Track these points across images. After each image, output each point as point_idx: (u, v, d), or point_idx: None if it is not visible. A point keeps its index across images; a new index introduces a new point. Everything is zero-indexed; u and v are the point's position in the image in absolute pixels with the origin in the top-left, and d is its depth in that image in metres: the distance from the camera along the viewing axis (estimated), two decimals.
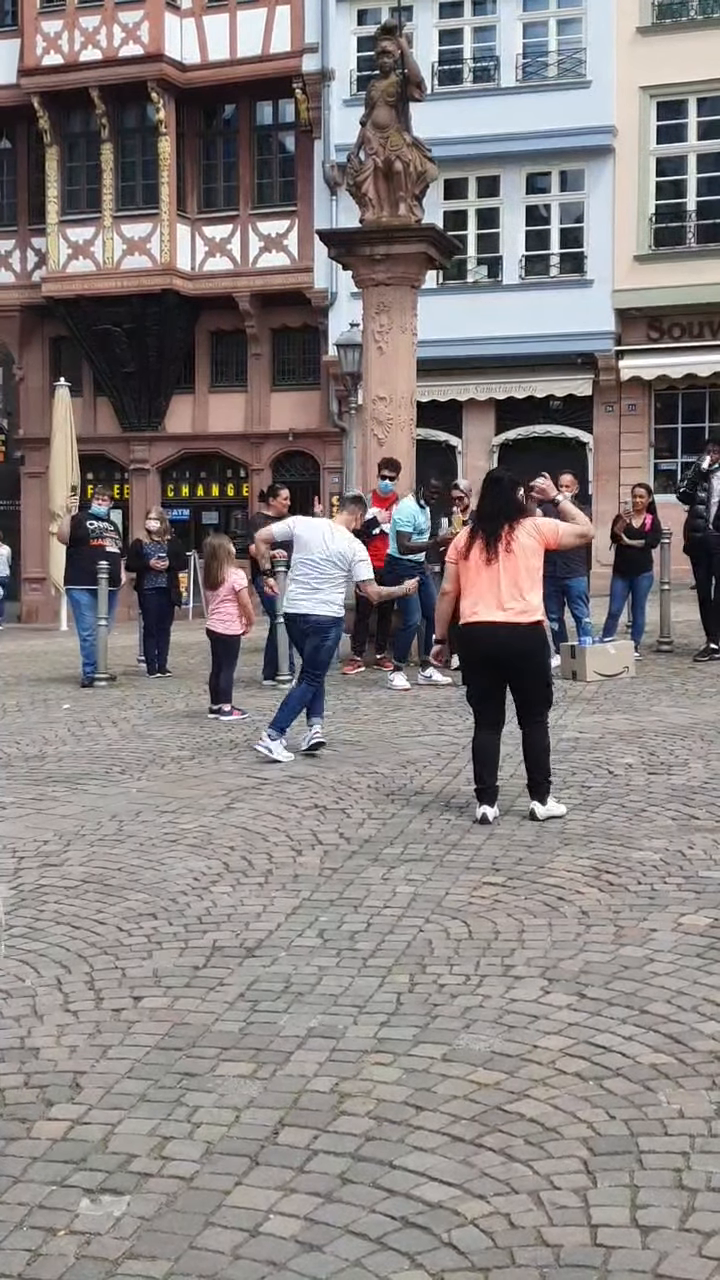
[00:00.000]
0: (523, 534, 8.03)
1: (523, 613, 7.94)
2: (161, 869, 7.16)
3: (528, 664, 8.03)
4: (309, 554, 10.25)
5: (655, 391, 27.72)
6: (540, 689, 8.14)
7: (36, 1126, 4.29)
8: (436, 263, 17.27)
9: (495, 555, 7.97)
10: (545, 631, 8.26)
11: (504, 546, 7.97)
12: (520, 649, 7.97)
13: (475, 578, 8.07)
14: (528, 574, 8.00)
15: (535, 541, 8.05)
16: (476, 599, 8.05)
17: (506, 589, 7.93)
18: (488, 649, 8.04)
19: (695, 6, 27.14)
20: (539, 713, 8.11)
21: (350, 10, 28.80)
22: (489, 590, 7.98)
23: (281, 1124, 4.24)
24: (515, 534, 8.01)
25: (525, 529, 8.08)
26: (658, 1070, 4.51)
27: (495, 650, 8.00)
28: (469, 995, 5.23)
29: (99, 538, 15.44)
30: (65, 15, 30.14)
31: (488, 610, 7.98)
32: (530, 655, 8.03)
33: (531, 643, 8.03)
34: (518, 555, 7.97)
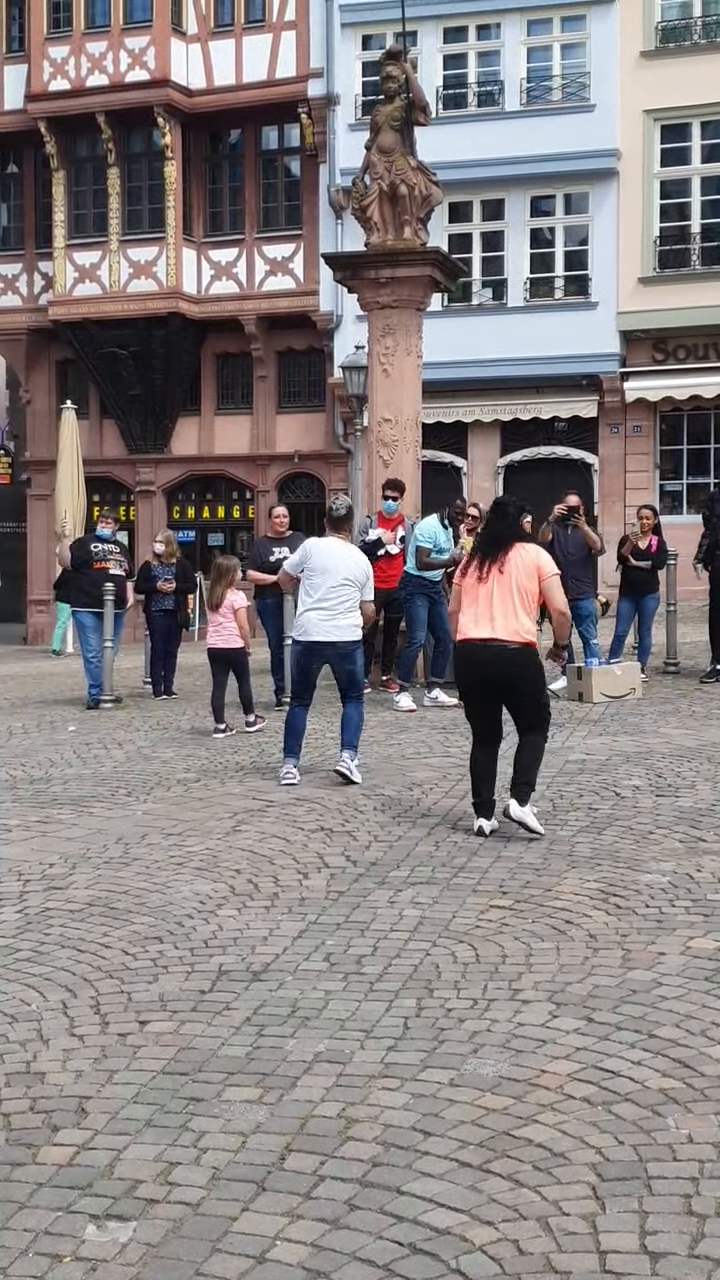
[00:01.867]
0: (519, 558, 8.15)
1: (514, 633, 8.03)
2: (167, 892, 7.15)
3: (518, 684, 8.11)
4: (327, 578, 9.99)
5: (660, 413, 27.74)
6: (536, 709, 8.19)
7: (42, 1152, 4.28)
8: (441, 285, 17.31)
9: (488, 575, 8.14)
10: (537, 653, 8.26)
11: (499, 568, 8.13)
12: (509, 670, 8.05)
13: (471, 597, 8.23)
14: (520, 595, 8.10)
15: (532, 566, 8.14)
16: (468, 615, 8.21)
17: (497, 606, 8.06)
18: (477, 667, 8.17)
19: (699, 30, 27.24)
20: (540, 730, 8.18)
21: (355, 36, 28.92)
22: (481, 607, 8.13)
23: (288, 1149, 4.22)
24: (510, 557, 8.15)
25: (522, 553, 8.19)
26: (666, 1095, 4.49)
27: (484, 669, 8.11)
28: (476, 1019, 5.21)
29: (103, 560, 15.48)
30: (72, 41, 30.28)
31: (478, 627, 8.11)
32: (520, 676, 8.10)
33: (520, 664, 8.08)
34: (510, 576, 8.10)
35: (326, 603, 9.98)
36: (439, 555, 13.94)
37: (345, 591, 10.02)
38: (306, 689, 10.32)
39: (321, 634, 9.99)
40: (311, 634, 10.03)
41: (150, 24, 29.74)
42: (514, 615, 8.04)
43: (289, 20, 29.42)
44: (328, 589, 9.99)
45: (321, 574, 10.03)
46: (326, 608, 9.97)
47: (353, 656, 10.13)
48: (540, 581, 8.16)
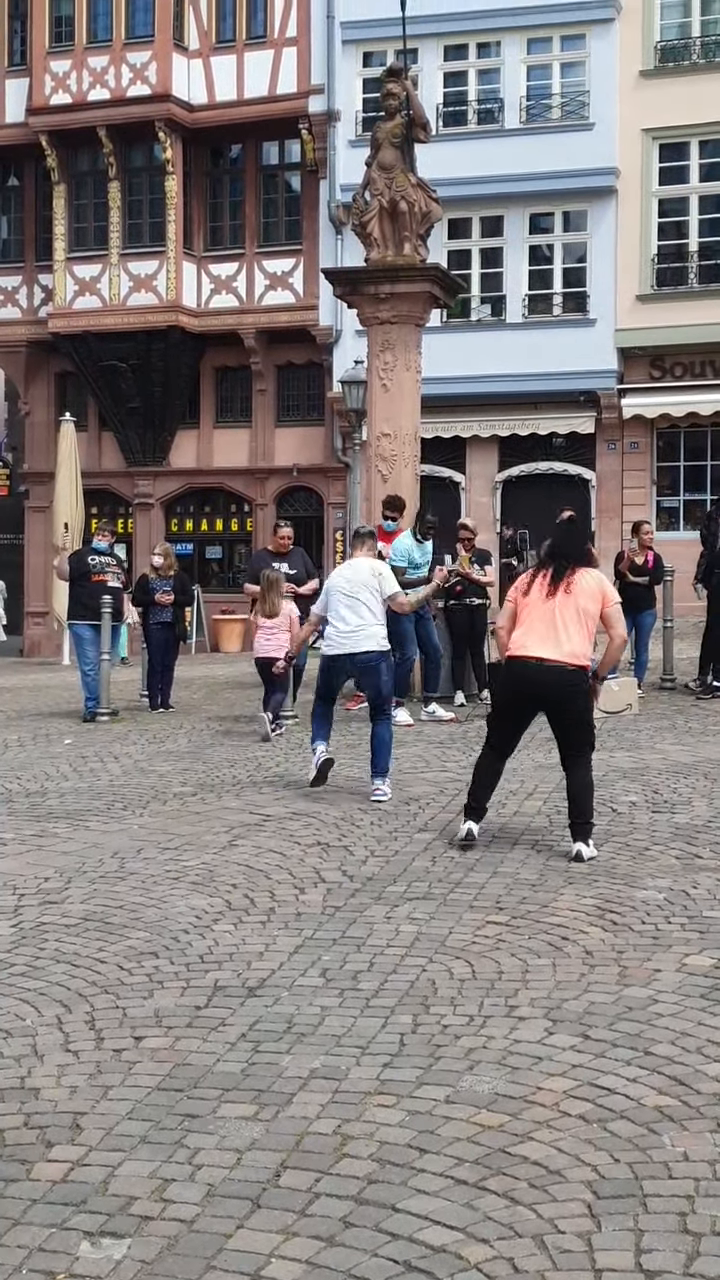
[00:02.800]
0: (586, 580, 8.11)
1: (572, 655, 7.99)
2: (163, 907, 7.14)
3: (570, 706, 8.07)
4: (336, 597, 10.15)
5: (657, 430, 27.80)
6: (583, 731, 8.15)
7: (36, 1168, 4.26)
8: (441, 301, 17.33)
9: (555, 592, 8.07)
10: (589, 677, 8.25)
11: (565, 587, 8.07)
12: (564, 692, 8.01)
13: (531, 612, 8.13)
14: (583, 617, 8.04)
15: (596, 591, 8.10)
16: (528, 632, 8.10)
17: (561, 626, 7.99)
18: (531, 686, 8.09)
19: (698, 50, 27.34)
20: (582, 753, 8.13)
21: (356, 53, 29.01)
22: (544, 625, 8.04)
23: (283, 1166, 4.21)
24: (579, 577, 8.09)
25: (590, 576, 8.17)
26: (662, 1113, 4.48)
27: (539, 689, 8.05)
28: (472, 1036, 5.21)
29: (100, 573, 15.49)
30: (74, 55, 30.37)
31: (539, 645, 8.01)
32: (573, 698, 8.06)
33: (576, 686, 8.05)
34: (576, 597, 8.04)
35: (341, 618, 10.11)
36: (415, 573, 13.93)
37: (353, 603, 10.07)
38: (327, 695, 10.41)
39: (339, 648, 10.10)
40: (332, 648, 10.18)
41: (152, 39, 29.85)
42: (576, 638, 8.00)
43: (290, 36, 29.54)
44: (338, 605, 10.15)
45: (331, 595, 10.25)
46: (342, 621, 10.10)
47: (376, 669, 10.10)
48: (604, 607, 8.13)
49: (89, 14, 30.37)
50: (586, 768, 8.12)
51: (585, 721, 8.21)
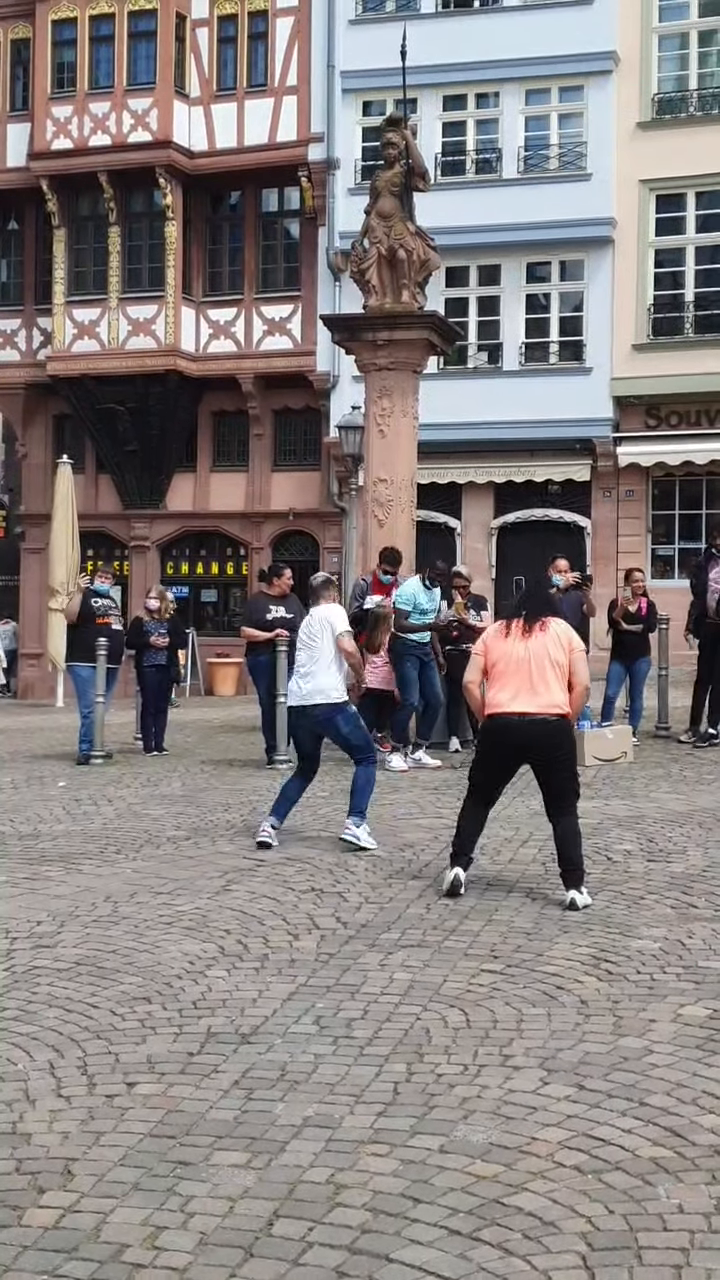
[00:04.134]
0: (555, 630, 8.17)
1: (551, 705, 8.02)
2: (156, 952, 7.12)
3: (556, 756, 8.10)
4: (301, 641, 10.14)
5: (653, 478, 27.88)
6: (569, 780, 8.17)
7: (28, 1214, 4.24)
8: (438, 349, 17.44)
9: (528, 637, 8.12)
10: (571, 725, 8.29)
11: (534, 640, 8.12)
12: (549, 742, 8.04)
13: (504, 666, 8.15)
14: (557, 668, 8.08)
15: (565, 639, 8.16)
16: (504, 688, 8.12)
17: (537, 678, 8.03)
18: (514, 741, 8.11)
19: (694, 103, 27.58)
20: (569, 804, 8.13)
21: (355, 102, 29.25)
22: (519, 679, 8.06)
23: (276, 1215, 4.19)
24: (549, 627, 8.16)
25: (558, 624, 8.24)
26: (657, 1164, 4.47)
27: (523, 743, 8.07)
28: (467, 1085, 5.19)
29: (104, 615, 15.54)
30: (76, 101, 30.60)
31: (517, 700, 8.03)
32: (558, 748, 8.10)
33: (559, 736, 8.08)
34: (551, 647, 8.09)
35: (297, 667, 10.11)
36: (419, 618, 13.95)
37: (306, 654, 9.97)
38: (302, 757, 10.24)
39: (293, 698, 10.04)
40: (291, 699, 10.14)
41: (153, 86, 30.08)
42: (552, 688, 8.03)
43: (290, 85, 29.78)
44: (297, 654, 10.17)
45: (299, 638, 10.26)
46: (298, 671, 10.05)
47: (331, 722, 9.88)
48: (570, 654, 8.16)
49: (91, 61, 30.61)
50: (573, 815, 8.12)
51: (572, 770, 8.25)
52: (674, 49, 27.95)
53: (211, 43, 30.46)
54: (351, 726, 9.99)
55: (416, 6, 28.78)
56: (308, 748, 10.18)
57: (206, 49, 30.46)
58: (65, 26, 30.73)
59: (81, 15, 30.51)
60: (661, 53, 27.90)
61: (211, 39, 30.45)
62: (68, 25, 30.70)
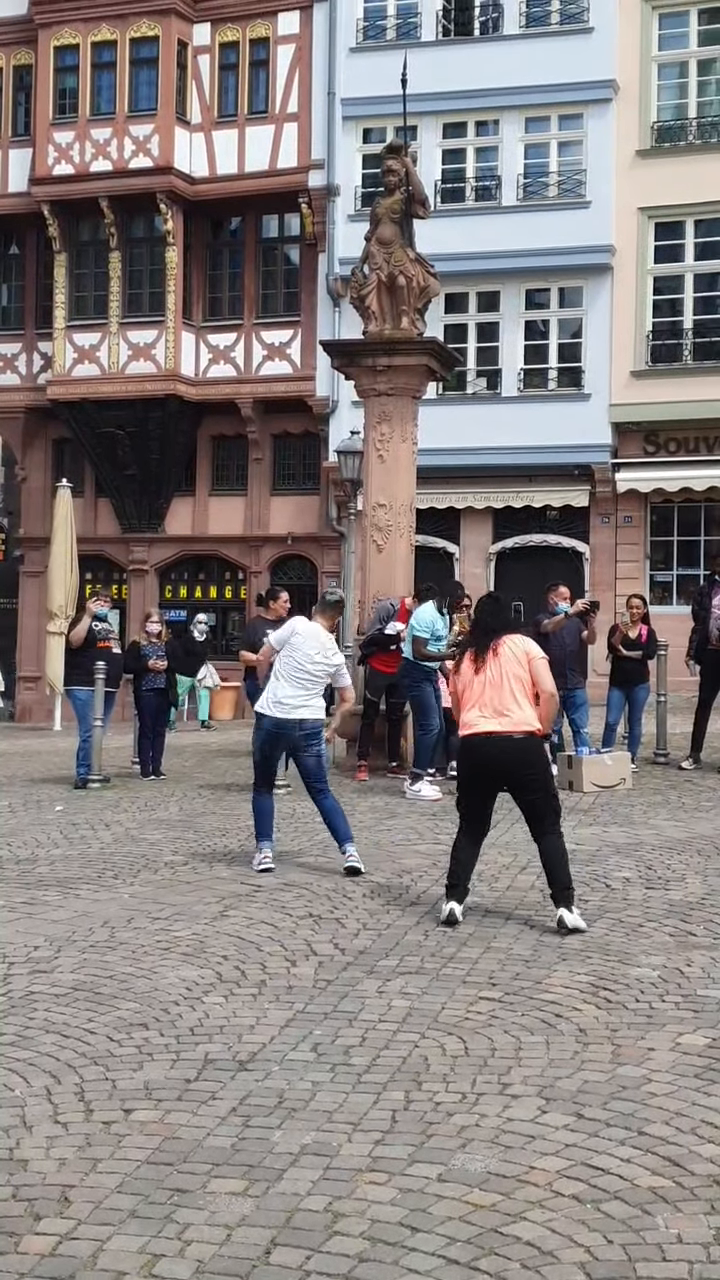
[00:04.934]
0: (511, 647, 8.23)
1: (518, 723, 8.04)
2: (153, 977, 7.10)
3: (527, 775, 8.10)
4: (303, 658, 9.94)
5: (651, 504, 27.92)
6: (545, 800, 8.16)
7: (24, 1241, 4.22)
8: (437, 375, 17.47)
9: (484, 663, 8.20)
10: (542, 742, 8.30)
11: (491, 654, 8.20)
12: (518, 760, 8.04)
13: (469, 690, 8.26)
14: (519, 683, 8.13)
15: (521, 654, 8.20)
16: (471, 709, 8.21)
17: (497, 694, 8.08)
18: (484, 761, 8.13)
19: (694, 131, 27.71)
20: (550, 824, 8.13)
21: (356, 129, 29.37)
22: (483, 699, 8.14)
23: (274, 1243, 4.17)
24: (502, 648, 8.21)
25: (515, 641, 8.29)
26: (656, 1194, 4.45)
27: (491, 762, 8.07)
28: (465, 1114, 5.17)
29: (105, 639, 15.56)
30: (78, 126, 30.73)
31: (483, 719, 8.10)
32: (529, 766, 8.10)
33: (529, 754, 8.08)
34: (504, 663, 8.15)
35: (291, 684, 9.92)
36: (437, 645, 13.88)
37: (317, 674, 9.96)
38: (267, 775, 10.22)
39: (286, 712, 9.87)
40: (276, 712, 9.91)
41: (155, 112, 30.22)
42: (515, 705, 8.06)
43: (291, 112, 29.92)
44: (300, 668, 9.95)
45: (298, 651, 10.01)
46: (301, 685, 9.92)
47: (316, 738, 9.95)
48: (529, 664, 8.19)
49: (93, 87, 30.77)
50: (556, 834, 8.12)
51: (546, 788, 8.24)
52: (673, 78, 28.10)
53: (213, 69, 30.61)
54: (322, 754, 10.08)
55: (417, 34, 28.93)
56: (274, 767, 10.30)
57: (208, 75, 30.61)
58: (67, 53, 30.90)
59: (83, 41, 30.67)
60: (661, 81, 28.04)
61: (213, 66, 30.60)
62: (70, 51, 30.86)
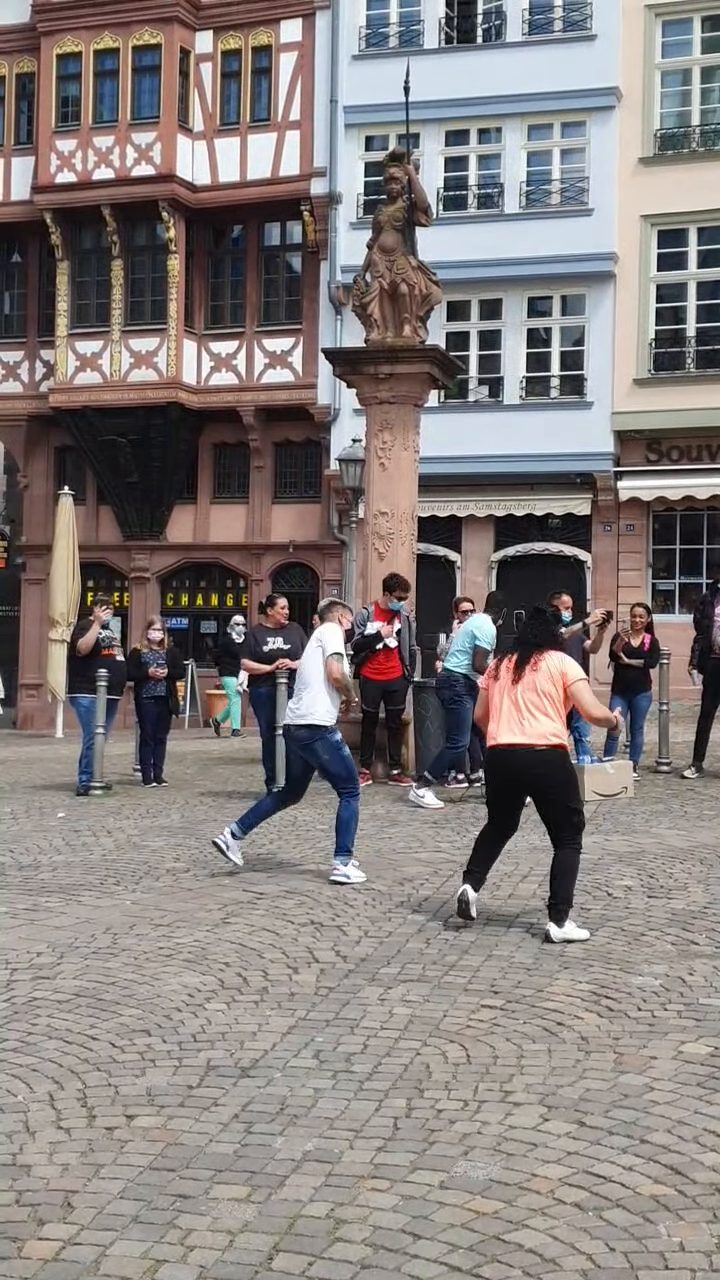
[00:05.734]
0: (548, 662, 8.21)
1: (541, 736, 8.05)
2: (155, 984, 7.10)
3: (549, 787, 8.12)
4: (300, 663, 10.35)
5: (653, 512, 27.93)
6: (566, 812, 8.16)
7: (27, 1246, 4.23)
8: (439, 382, 17.48)
9: (520, 676, 8.18)
10: (567, 755, 8.30)
11: (530, 667, 8.18)
12: (538, 771, 8.06)
13: (500, 699, 8.25)
14: (548, 699, 8.13)
15: (556, 671, 8.18)
16: (497, 720, 8.22)
17: (526, 710, 8.09)
18: (511, 773, 8.17)
19: (696, 138, 27.73)
20: (567, 837, 8.13)
21: (358, 136, 29.41)
22: (510, 710, 8.15)
23: (276, 1249, 4.18)
24: (543, 660, 8.20)
25: (553, 657, 8.26)
26: (658, 1202, 4.46)
27: (516, 775, 8.11)
28: (467, 1121, 5.17)
29: (110, 647, 15.60)
30: (80, 134, 30.77)
31: (508, 732, 8.11)
32: (550, 778, 8.11)
33: (551, 766, 8.10)
34: (540, 678, 8.14)
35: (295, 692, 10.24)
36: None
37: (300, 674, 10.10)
38: (289, 778, 10.35)
39: (288, 716, 10.21)
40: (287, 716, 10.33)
41: (157, 120, 30.25)
42: (543, 718, 8.07)
43: (293, 120, 29.96)
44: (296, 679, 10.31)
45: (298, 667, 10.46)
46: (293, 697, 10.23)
47: (312, 749, 9.88)
48: (566, 687, 8.18)
49: (95, 95, 30.81)
50: (571, 849, 8.11)
51: (569, 801, 8.24)
52: (676, 85, 28.12)
53: (215, 77, 30.65)
54: (331, 754, 9.93)
55: (419, 42, 28.96)
56: (296, 770, 10.27)
57: (210, 83, 30.65)
58: (70, 60, 30.94)
59: (86, 49, 30.72)
60: (664, 89, 28.05)
61: (215, 74, 30.64)
62: (72, 59, 30.91)
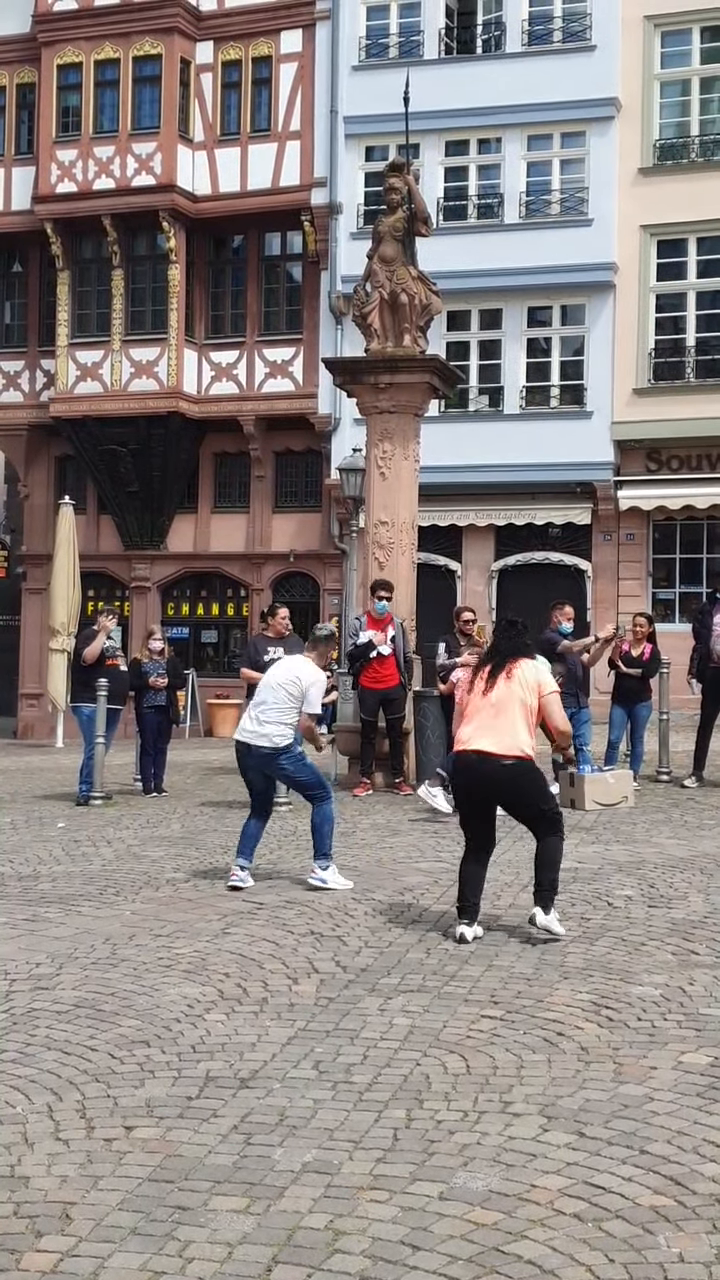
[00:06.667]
0: (524, 672, 8.22)
1: (510, 747, 8.07)
2: (155, 995, 7.09)
3: (517, 799, 8.17)
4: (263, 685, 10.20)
5: (653, 521, 27.93)
6: (539, 816, 8.21)
7: (26, 1258, 4.22)
8: (439, 392, 17.51)
9: (494, 685, 8.19)
10: (534, 765, 8.27)
11: (505, 676, 8.19)
12: (506, 784, 8.08)
13: (475, 707, 8.27)
14: (521, 707, 8.13)
15: (533, 682, 8.20)
16: (469, 726, 8.25)
17: (498, 720, 8.10)
18: (476, 781, 8.17)
19: (696, 149, 27.76)
20: (548, 827, 8.19)
21: (358, 147, 29.45)
22: (484, 718, 8.17)
23: (275, 1261, 4.17)
24: (518, 670, 8.21)
25: (529, 667, 8.27)
26: (658, 1213, 4.45)
27: (482, 782, 8.11)
28: (467, 1132, 5.16)
29: (113, 656, 15.61)
30: (80, 145, 30.81)
31: (478, 738, 8.13)
32: (518, 790, 8.15)
33: (517, 778, 8.10)
34: (515, 686, 8.16)
35: (255, 707, 10.13)
36: None
37: (271, 697, 9.99)
38: (252, 795, 10.31)
39: (242, 735, 10.11)
40: (237, 734, 10.24)
41: (158, 130, 30.30)
42: (513, 730, 8.08)
43: (294, 130, 30.00)
44: (259, 693, 10.19)
45: (262, 682, 10.30)
46: (253, 712, 10.10)
47: (276, 762, 9.97)
48: (540, 697, 8.19)
49: (95, 105, 30.86)
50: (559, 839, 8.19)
51: (541, 810, 8.25)
52: (675, 95, 28.15)
53: (215, 87, 30.69)
54: (296, 765, 10.07)
55: (419, 52, 29.01)
56: (259, 785, 10.28)
57: (210, 94, 30.70)
58: (70, 71, 30.99)
59: (86, 60, 30.77)
60: (663, 99, 28.09)
61: (216, 84, 30.68)
62: (73, 69, 30.96)
